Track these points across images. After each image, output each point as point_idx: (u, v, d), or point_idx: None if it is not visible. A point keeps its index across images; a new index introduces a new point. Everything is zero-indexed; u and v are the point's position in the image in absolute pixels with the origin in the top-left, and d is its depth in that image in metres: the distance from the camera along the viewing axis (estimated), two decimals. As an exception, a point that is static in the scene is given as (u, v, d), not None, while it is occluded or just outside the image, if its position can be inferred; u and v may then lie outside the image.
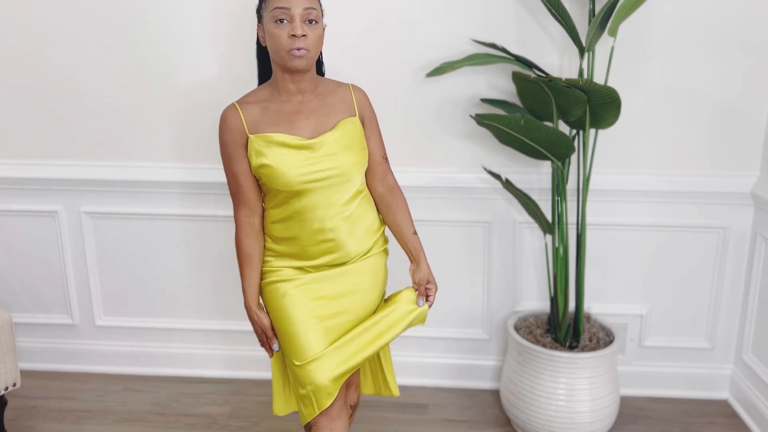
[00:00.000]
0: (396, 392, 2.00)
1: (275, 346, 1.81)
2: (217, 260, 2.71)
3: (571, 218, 2.49)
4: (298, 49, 1.64)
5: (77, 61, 2.56)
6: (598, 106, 2.09)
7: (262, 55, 1.83)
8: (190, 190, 2.65)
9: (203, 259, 2.73)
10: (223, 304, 2.78)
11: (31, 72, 2.59)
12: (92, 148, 2.66)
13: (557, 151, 2.20)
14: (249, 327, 2.43)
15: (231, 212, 2.14)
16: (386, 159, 1.89)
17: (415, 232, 1.89)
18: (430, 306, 1.84)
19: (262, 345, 1.85)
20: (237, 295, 2.29)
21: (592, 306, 2.63)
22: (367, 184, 1.87)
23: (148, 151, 2.65)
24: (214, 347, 2.84)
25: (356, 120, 1.78)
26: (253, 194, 1.77)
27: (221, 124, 1.74)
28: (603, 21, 2.08)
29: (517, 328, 2.49)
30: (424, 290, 1.84)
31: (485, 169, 2.45)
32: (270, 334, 1.81)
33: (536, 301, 2.68)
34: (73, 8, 2.50)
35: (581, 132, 2.25)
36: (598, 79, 2.31)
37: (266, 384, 2.77)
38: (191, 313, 2.83)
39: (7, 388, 2.23)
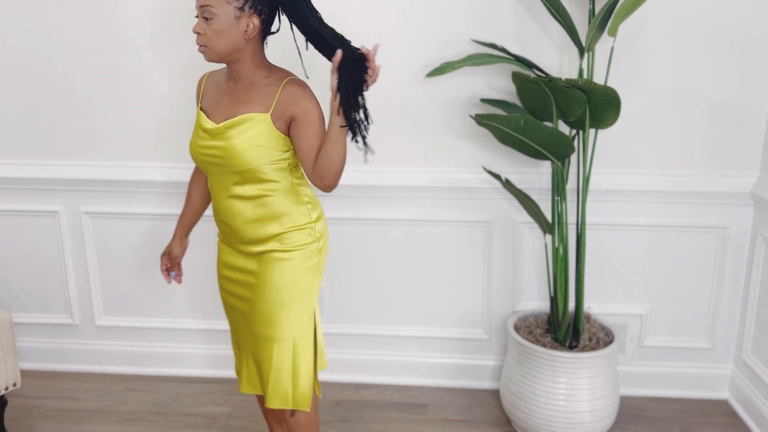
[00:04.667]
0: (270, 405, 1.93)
1: (172, 274, 2.12)
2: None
3: (571, 218, 2.49)
4: (199, 45, 1.74)
5: (77, 61, 2.56)
6: (597, 106, 2.09)
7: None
8: (190, 190, 2.65)
9: (203, 258, 2.73)
10: (223, 304, 2.78)
11: (30, 72, 2.59)
12: (92, 148, 2.66)
13: (557, 151, 2.20)
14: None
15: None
16: None
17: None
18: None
19: (161, 270, 2.13)
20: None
21: (592, 306, 2.63)
22: (307, 174, 1.81)
23: (148, 151, 2.65)
24: (215, 347, 2.84)
25: (265, 117, 1.73)
26: None
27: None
28: (603, 21, 2.09)
29: (517, 328, 2.49)
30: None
31: (485, 169, 2.46)
32: (173, 263, 2.12)
33: (536, 301, 2.68)
34: (71, 9, 2.50)
35: (581, 132, 2.25)
36: (598, 79, 2.31)
37: (266, 384, 2.77)
38: (191, 312, 2.83)
39: (7, 388, 2.23)
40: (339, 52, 1.64)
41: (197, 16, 1.73)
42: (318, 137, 1.78)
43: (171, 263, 2.13)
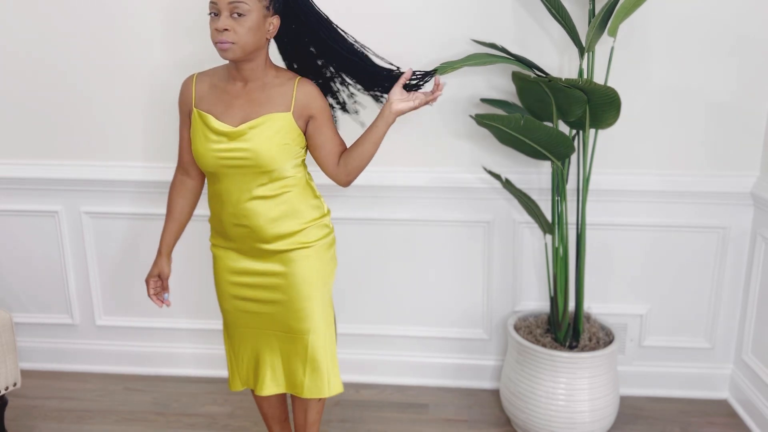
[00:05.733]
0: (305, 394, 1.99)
1: (166, 296, 2.03)
2: (217, 260, 2.71)
3: (571, 218, 2.49)
4: (222, 43, 1.71)
5: (77, 61, 2.56)
6: (597, 106, 2.09)
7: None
8: (190, 190, 2.65)
9: (204, 258, 2.73)
10: (223, 304, 2.78)
11: (30, 72, 2.59)
12: (92, 148, 2.66)
13: (557, 151, 2.20)
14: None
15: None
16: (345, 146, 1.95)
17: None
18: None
19: (147, 293, 2.02)
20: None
21: (592, 306, 2.63)
22: (328, 171, 1.93)
23: (148, 151, 2.65)
24: (215, 347, 2.84)
25: (287, 116, 1.80)
26: (188, 158, 1.93)
27: (180, 89, 1.90)
28: (603, 21, 2.09)
29: (517, 328, 2.49)
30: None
31: (485, 169, 2.46)
32: (164, 284, 2.02)
33: (536, 301, 2.68)
34: (71, 9, 2.50)
35: (581, 132, 2.25)
36: (598, 79, 2.31)
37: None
38: (192, 312, 2.83)
39: (7, 388, 2.24)
40: (410, 71, 1.88)
41: (214, 13, 1.71)
42: (336, 134, 1.90)
43: (162, 284, 2.03)
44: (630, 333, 2.68)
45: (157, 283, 2.02)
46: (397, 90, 1.86)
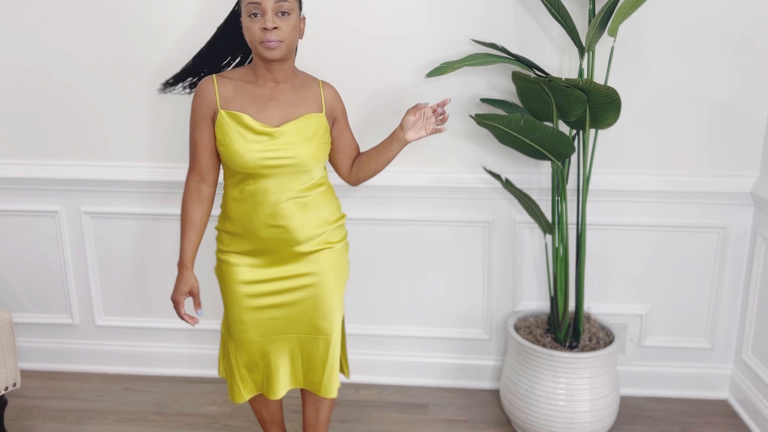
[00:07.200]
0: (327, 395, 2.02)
1: (199, 312, 1.93)
2: (217, 260, 2.71)
3: (571, 218, 2.49)
4: (270, 41, 1.71)
5: (77, 62, 2.56)
6: (598, 106, 2.09)
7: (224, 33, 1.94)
8: (190, 190, 2.65)
9: (203, 259, 2.73)
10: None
11: (30, 72, 2.59)
12: (92, 148, 2.66)
13: (557, 151, 2.20)
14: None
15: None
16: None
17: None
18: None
19: (179, 313, 1.91)
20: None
21: (592, 306, 2.63)
22: (343, 173, 2.01)
23: (148, 151, 2.65)
24: (215, 347, 2.84)
25: (322, 116, 1.85)
26: (207, 164, 1.87)
27: (195, 92, 1.85)
28: (603, 21, 2.09)
29: (517, 328, 2.49)
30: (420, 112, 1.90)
31: (485, 169, 2.46)
32: (196, 300, 1.94)
33: (536, 301, 2.68)
34: (71, 8, 2.51)
35: (581, 132, 2.25)
36: (598, 79, 2.31)
37: (266, 384, 2.77)
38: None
39: (7, 388, 2.24)
40: (426, 105, 1.86)
41: (255, 14, 1.71)
42: (353, 138, 1.98)
43: (195, 301, 1.95)
44: (630, 333, 2.68)
45: (184, 300, 1.93)
46: (410, 119, 1.88)
